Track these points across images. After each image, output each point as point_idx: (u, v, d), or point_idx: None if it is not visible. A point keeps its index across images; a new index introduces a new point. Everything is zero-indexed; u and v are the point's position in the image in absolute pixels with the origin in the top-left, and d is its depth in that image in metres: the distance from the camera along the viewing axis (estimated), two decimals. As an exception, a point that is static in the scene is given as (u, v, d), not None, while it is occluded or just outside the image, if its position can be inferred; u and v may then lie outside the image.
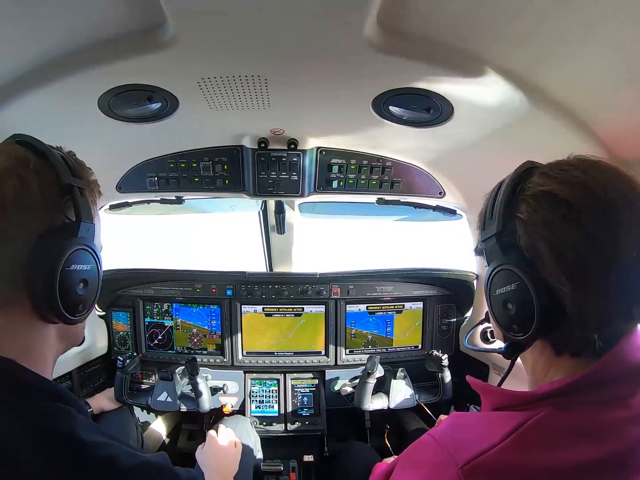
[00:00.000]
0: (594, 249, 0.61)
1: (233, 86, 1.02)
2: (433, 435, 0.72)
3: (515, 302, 0.69)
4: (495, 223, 0.71)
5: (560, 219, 0.63)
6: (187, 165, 1.50)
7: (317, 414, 2.08)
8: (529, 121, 1.07)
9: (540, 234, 0.65)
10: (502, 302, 0.71)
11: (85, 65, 0.91)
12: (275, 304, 2.11)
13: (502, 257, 0.70)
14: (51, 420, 0.61)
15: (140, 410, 2.16)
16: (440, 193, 1.70)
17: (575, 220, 0.62)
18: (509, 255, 0.69)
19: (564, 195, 0.63)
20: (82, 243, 0.71)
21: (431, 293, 2.17)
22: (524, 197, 0.68)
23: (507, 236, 0.70)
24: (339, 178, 1.55)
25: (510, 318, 0.70)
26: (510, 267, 0.68)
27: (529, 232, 0.66)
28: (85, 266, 0.71)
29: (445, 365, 1.91)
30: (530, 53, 0.87)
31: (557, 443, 0.62)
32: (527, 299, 0.65)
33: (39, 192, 0.65)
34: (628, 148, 1.07)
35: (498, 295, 0.72)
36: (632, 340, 0.67)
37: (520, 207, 0.68)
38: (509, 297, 0.70)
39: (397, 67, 0.93)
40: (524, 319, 0.67)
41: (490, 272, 0.73)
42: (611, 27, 0.75)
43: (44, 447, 0.58)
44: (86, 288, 0.72)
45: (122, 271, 2.00)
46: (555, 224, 0.63)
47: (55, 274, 0.65)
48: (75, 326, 0.77)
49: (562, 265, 0.62)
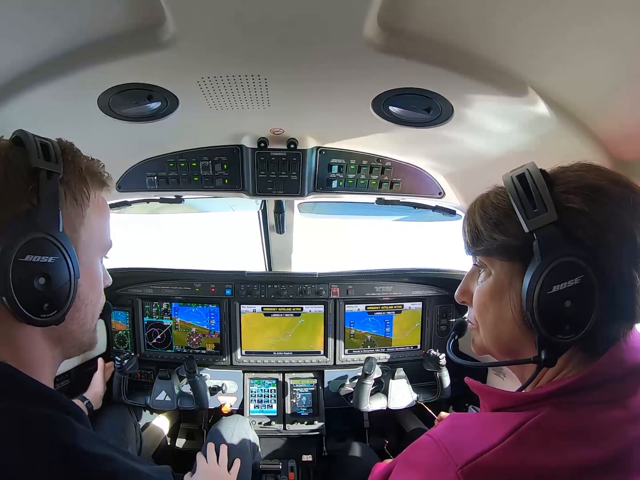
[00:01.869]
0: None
1: (233, 86, 1.02)
2: (432, 435, 0.71)
3: (575, 299, 0.63)
4: (549, 212, 0.65)
5: (625, 213, 0.63)
6: (186, 164, 1.50)
7: (316, 413, 2.09)
8: (528, 122, 1.07)
9: (609, 224, 0.63)
10: (559, 299, 0.64)
11: (85, 64, 0.91)
12: (274, 303, 2.12)
13: (564, 248, 0.64)
14: (47, 429, 0.57)
15: (139, 409, 2.16)
16: (439, 193, 1.69)
17: (629, 211, 0.63)
18: (572, 246, 0.64)
19: (618, 192, 0.65)
20: (42, 231, 0.62)
21: (430, 293, 2.17)
22: (568, 189, 0.66)
23: (565, 225, 0.65)
24: (339, 178, 1.55)
25: (565, 317, 0.64)
26: (575, 259, 0.63)
27: (595, 222, 0.63)
28: (45, 258, 0.62)
29: (442, 364, 1.92)
30: (530, 53, 0.87)
31: (557, 443, 0.62)
32: (589, 294, 0.62)
33: (4, 178, 0.61)
34: (628, 150, 1.07)
35: (555, 292, 0.64)
36: (631, 340, 0.67)
37: (571, 198, 0.65)
38: (569, 293, 0.63)
39: (397, 67, 0.93)
40: (581, 316, 0.63)
41: (545, 266, 0.64)
42: (610, 26, 0.75)
43: (37, 457, 0.54)
44: (49, 284, 0.63)
45: (121, 270, 2.00)
46: (622, 216, 0.63)
47: (7, 266, 0.59)
48: (67, 328, 0.69)
49: (631, 255, 0.62)
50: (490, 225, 0.73)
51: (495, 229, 0.72)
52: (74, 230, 0.69)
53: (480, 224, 0.75)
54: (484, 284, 0.77)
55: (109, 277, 0.82)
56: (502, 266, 0.73)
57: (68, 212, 0.68)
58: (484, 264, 0.77)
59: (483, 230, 0.74)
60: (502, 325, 0.73)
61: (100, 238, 0.76)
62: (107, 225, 0.79)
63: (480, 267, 0.79)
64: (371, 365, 1.89)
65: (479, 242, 0.75)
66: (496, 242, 0.72)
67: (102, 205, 0.77)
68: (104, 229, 0.78)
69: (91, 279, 0.74)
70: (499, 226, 0.72)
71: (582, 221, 0.64)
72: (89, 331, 0.76)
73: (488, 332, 0.77)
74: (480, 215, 0.75)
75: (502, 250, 0.72)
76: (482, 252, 0.76)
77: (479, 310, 0.78)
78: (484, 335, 0.78)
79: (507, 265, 0.72)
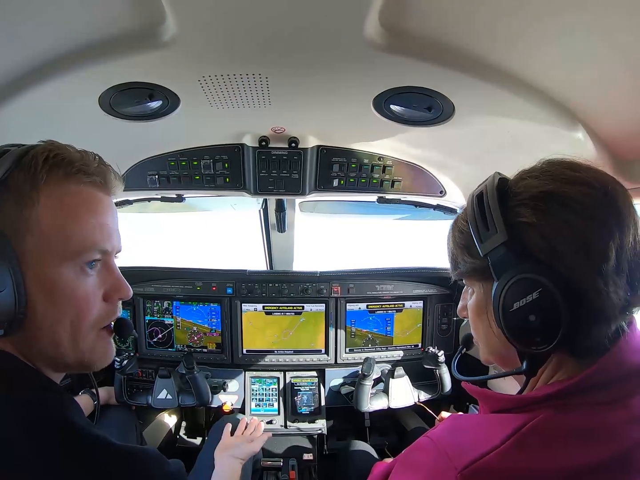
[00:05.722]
0: (611, 241, 0.60)
1: (234, 84, 1.02)
2: (431, 437, 0.71)
3: (538, 312, 0.63)
4: (499, 232, 0.66)
5: (576, 217, 0.62)
6: (187, 163, 1.50)
7: (317, 412, 2.09)
8: (529, 121, 1.06)
9: (559, 234, 0.62)
10: (522, 315, 0.65)
11: (86, 63, 0.91)
12: (275, 302, 2.12)
13: (518, 266, 0.64)
14: (44, 409, 0.59)
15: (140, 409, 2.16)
16: (440, 192, 1.69)
17: (589, 217, 0.61)
18: (524, 263, 0.64)
19: (570, 193, 0.63)
20: None
21: (431, 292, 2.17)
22: (519, 201, 0.66)
23: (515, 244, 0.65)
24: (340, 177, 1.55)
25: (533, 331, 0.64)
26: (530, 275, 0.63)
27: (544, 235, 0.63)
28: None
29: (442, 361, 1.92)
30: (531, 51, 0.87)
31: (557, 445, 0.61)
32: (552, 305, 0.62)
33: None
34: (629, 149, 1.06)
35: (516, 309, 0.65)
36: (630, 341, 0.66)
37: (521, 212, 0.65)
38: (531, 308, 0.64)
39: (398, 66, 0.93)
40: (549, 328, 0.63)
41: (503, 286, 0.66)
42: (610, 25, 0.75)
43: (36, 434, 0.55)
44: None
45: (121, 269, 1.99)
46: (572, 222, 0.62)
47: None
48: (36, 345, 0.64)
49: (588, 262, 0.61)
50: (461, 249, 0.76)
51: (465, 252, 0.75)
52: (15, 234, 0.61)
53: (454, 248, 0.79)
54: (470, 302, 0.80)
55: (121, 289, 0.74)
56: (480, 286, 0.76)
57: (5, 214, 0.61)
58: (467, 283, 0.80)
59: (457, 254, 0.77)
60: (491, 339, 0.76)
61: (65, 242, 0.64)
62: (84, 223, 0.66)
63: (468, 287, 0.82)
64: (370, 365, 1.89)
65: (457, 266, 0.78)
66: (467, 265, 0.75)
67: (73, 202, 0.66)
68: (72, 228, 0.65)
69: (51, 292, 0.63)
70: (467, 249, 0.75)
71: (532, 235, 0.64)
72: (73, 350, 0.67)
73: (483, 345, 0.80)
74: (452, 240, 0.79)
75: (474, 272, 0.75)
76: (461, 275, 0.79)
77: (472, 326, 0.82)
78: (481, 348, 0.81)
79: (482, 285, 0.75)
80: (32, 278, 0.62)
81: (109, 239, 0.71)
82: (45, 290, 0.63)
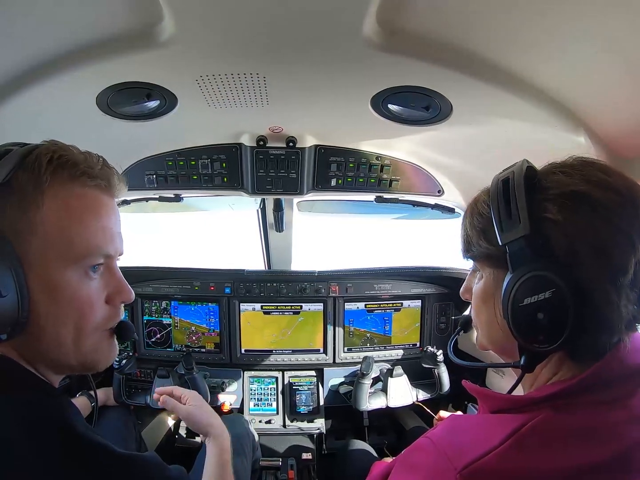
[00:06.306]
0: (633, 255, 0.60)
1: (232, 84, 1.02)
2: (430, 438, 0.71)
3: (547, 312, 0.63)
4: (522, 224, 0.64)
5: (601, 221, 0.61)
6: (185, 163, 1.50)
7: (316, 411, 2.09)
8: (528, 120, 1.06)
9: (583, 237, 0.61)
10: (531, 312, 0.64)
11: (84, 62, 0.90)
12: (273, 302, 2.12)
13: (535, 262, 0.63)
14: (43, 410, 0.60)
15: (139, 408, 2.16)
16: (438, 191, 1.70)
17: (614, 223, 0.61)
18: (542, 261, 0.63)
19: (601, 199, 0.62)
20: None
21: (429, 291, 2.18)
22: (548, 196, 0.65)
23: (536, 239, 0.64)
24: (338, 176, 1.55)
25: (539, 329, 0.64)
26: (546, 273, 0.62)
27: (568, 235, 0.62)
28: None
29: (440, 360, 1.92)
30: (529, 51, 0.87)
31: (556, 445, 0.61)
32: (562, 307, 0.61)
33: None
34: (628, 147, 1.07)
35: (526, 305, 0.64)
36: (632, 342, 0.66)
37: (548, 207, 0.64)
38: (541, 306, 0.63)
39: (396, 66, 0.93)
40: (554, 328, 0.62)
41: (517, 279, 0.65)
42: (610, 24, 0.75)
43: (36, 434, 0.56)
44: None
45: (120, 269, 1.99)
46: (597, 226, 0.61)
47: None
48: (39, 347, 0.64)
49: (607, 271, 0.60)
50: (477, 233, 0.74)
51: (481, 237, 0.73)
52: (17, 236, 0.61)
53: (469, 230, 0.77)
54: (477, 286, 0.79)
55: (124, 292, 0.74)
56: (490, 272, 0.75)
57: (6, 216, 0.60)
58: (477, 267, 0.79)
59: (472, 236, 0.76)
60: (493, 327, 0.75)
61: (69, 245, 0.64)
62: (89, 226, 0.67)
63: (476, 270, 0.81)
64: (368, 364, 1.89)
65: (469, 248, 0.77)
66: (482, 250, 0.73)
67: (78, 205, 0.66)
68: (77, 232, 0.65)
69: (54, 295, 0.63)
70: (484, 234, 0.73)
71: (555, 233, 0.63)
72: (76, 353, 0.67)
73: (483, 332, 0.80)
74: (469, 222, 0.77)
75: (487, 258, 0.74)
76: (472, 257, 0.78)
77: (475, 311, 0.81)
78: (480, 334, 0.81)
79: (494, 271, 0.74)
80: (35, 280, 0.62)
81: (113, 243, 0.71)
82: (48, 292, 0.63)
